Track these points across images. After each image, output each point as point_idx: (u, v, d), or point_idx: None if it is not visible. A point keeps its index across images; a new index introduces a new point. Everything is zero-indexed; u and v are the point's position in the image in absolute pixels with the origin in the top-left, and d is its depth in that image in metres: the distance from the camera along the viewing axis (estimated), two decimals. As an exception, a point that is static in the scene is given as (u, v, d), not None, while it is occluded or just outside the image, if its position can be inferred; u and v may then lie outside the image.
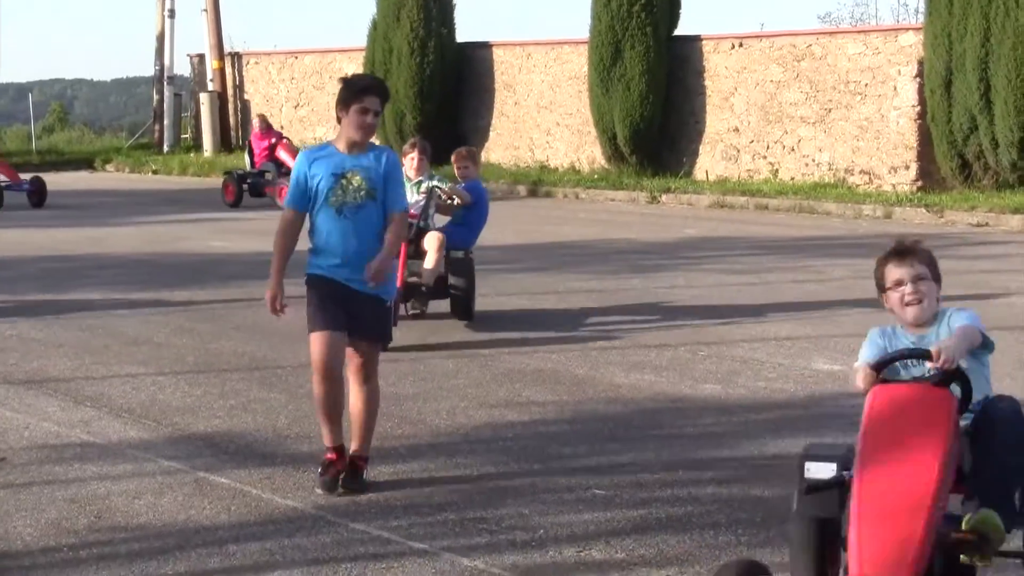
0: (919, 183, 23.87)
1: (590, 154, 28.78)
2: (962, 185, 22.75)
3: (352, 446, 7.59)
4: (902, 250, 5.68)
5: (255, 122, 25.69)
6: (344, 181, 7.38)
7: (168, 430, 8.80)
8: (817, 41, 25.98)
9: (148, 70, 38.25)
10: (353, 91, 7.42)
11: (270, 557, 6.40)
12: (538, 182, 27.59)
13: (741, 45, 26.87)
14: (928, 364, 5.36)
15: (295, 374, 10.31)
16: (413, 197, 11.50)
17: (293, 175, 7.60)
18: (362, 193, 7.38)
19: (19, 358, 11.12)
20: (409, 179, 11.74)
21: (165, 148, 36.70)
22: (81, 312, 13.41)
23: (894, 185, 24.07)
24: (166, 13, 36.89)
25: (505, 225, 19.54)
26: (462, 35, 31.40)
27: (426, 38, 30.25)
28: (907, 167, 24.18)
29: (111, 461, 8.08)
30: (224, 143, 35.68)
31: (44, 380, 10.28)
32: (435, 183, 11.92)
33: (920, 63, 23.68)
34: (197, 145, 36.42)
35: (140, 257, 17.99)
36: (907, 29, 25.31)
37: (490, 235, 13.57)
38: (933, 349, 5.29)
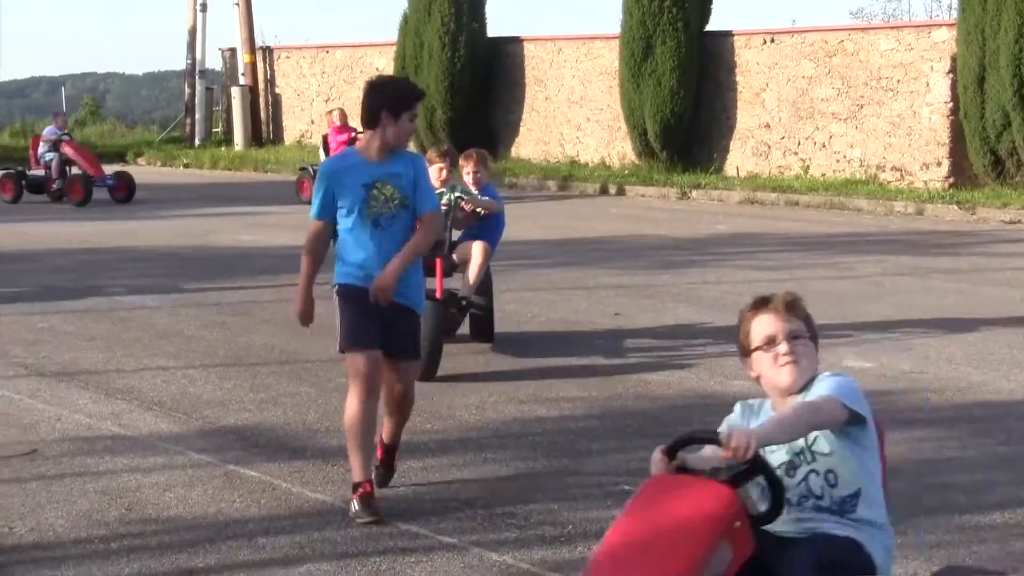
0: (951, 180, 23.77)
1: (620, 149, 28.72)
2: (995, 182, 22.59)
3: (384, 436, 7.43)
4: (776, 303, 4.65)
5: (334, 115, 25.19)
6: (376, 191, 7.07)
7: (198, 423, 8.84)
8: (849, 37, 25.87)
9: (179, 64, 38.45)
10: (407, 98, 7.11)
11: (299, 550, 6.43)
12: (568, 177, 27.57)
13: (773, 40, 26.77)
14: (721, 453, 4.23)
15: (325, 368, 10.37)
16: None
17: (320, 186, 7.23)
18: (395, 203, 7.09)
19: (51, 350, 11.17)
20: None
21: (196, 142, 36.84)
22: (112, 305, 13.50)
23: (926, 182, 23.97)
24: (198, 7, 36.99)
25: (534, 220, 19.55)
26: (493, 30, 31.45)
27: (457, 32, 30.19)
28: (939, 164, 24.10)
29: (142, 454, 8.12)
30: (255, 137, 35.71)
31: (75, 372, 10.34)
32: (457, 195, 11.10)
33: (953, 59, 23.56)
34: (228, 139, 36.52)
35: (171, 250, 18.05)
36: (940, 25, 25.19)
37: (519, 230, 13.65)
38: (723, 434, 4.21)
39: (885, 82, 24.88)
